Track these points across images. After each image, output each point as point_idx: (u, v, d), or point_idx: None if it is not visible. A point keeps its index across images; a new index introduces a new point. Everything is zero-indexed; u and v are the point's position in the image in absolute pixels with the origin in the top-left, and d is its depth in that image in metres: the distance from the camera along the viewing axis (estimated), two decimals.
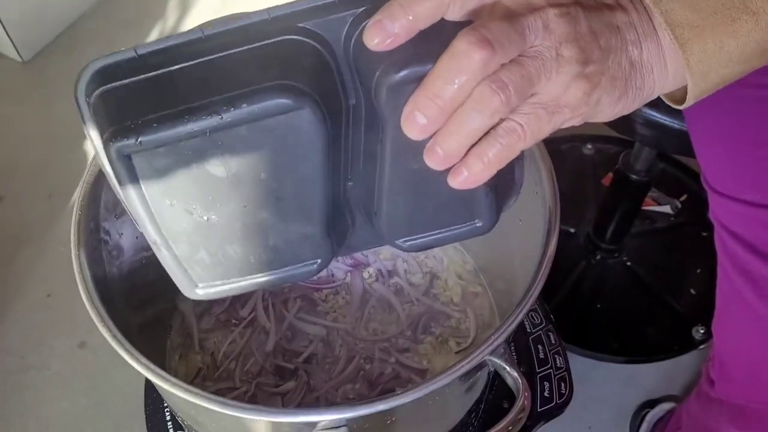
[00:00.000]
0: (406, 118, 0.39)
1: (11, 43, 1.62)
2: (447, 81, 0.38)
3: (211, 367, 0.83)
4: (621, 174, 1.14)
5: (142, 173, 0.42)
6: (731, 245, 0.67)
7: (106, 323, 0.58)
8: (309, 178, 0.44)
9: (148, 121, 0.39)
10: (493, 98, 0.38)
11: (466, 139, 0.40)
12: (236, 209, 0.45)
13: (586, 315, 1.27)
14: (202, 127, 0.40)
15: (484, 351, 0.56)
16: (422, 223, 0.49)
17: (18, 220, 1.42)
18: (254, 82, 0.40)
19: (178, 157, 0.41)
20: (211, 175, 0.43)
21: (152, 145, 0.40)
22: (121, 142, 0.40)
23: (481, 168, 0.40)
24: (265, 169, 0.43)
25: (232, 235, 0.47)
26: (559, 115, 0.41)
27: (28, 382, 1.23)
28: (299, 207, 0.46)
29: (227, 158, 0.42)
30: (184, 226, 0.46)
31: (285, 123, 0.41)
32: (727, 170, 0.66)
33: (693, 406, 0.95)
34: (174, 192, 0.43)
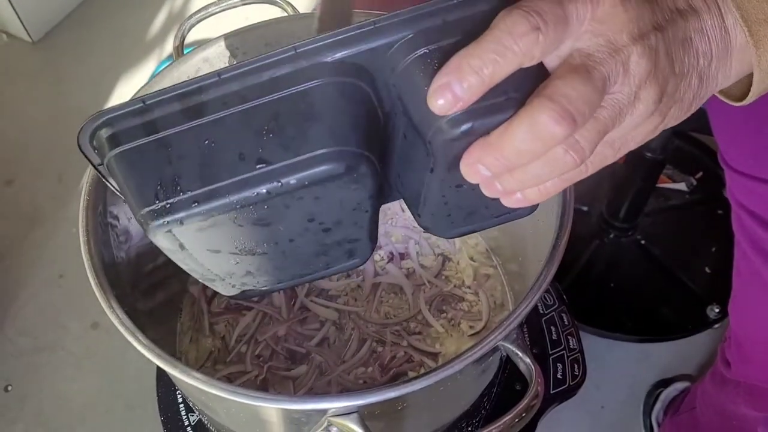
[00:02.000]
0: (468, 167, 0.37)
1: (21, 24, 1.62)
2: (518, 147, 0.35)
3: (222, 350, 0.83)
4: (635, 152, 1.11)
5: (184, 238, 0.40)
6: (749, 224, 0.66)
7: (114, 309, 0.57)
8: (358, 214, 0.43)
9: (188, 200, 0.37)
10: (565, 159, 0.36)
11: (529, 183, 0.38)
12: (283, 244, 0.44)
13: (599, 294, 1.26)
14: (246, 202, 0.38)
15: (497, 337, 0.55)
16: (466, 219, 0.48)
17: (29, 202, 1.42)
18: (298, 148, 0.37)
19: (220, 223, 0.39)
20: (257, 229, 0.41)
21: (193, 221, 0.38)
22: (160, 221, 0.38)
23: (536, 195, 0.39)
24: (313, 216, 0.42)
25: (278, 260, 0.46)
26: (625, 149, 0.39)
27: (42, 363, 1.24)
28: (347, 230, 0.45)
29: (273, 216, 0.40)
30: (230, 262, 0.44)
31: (336, 183, 0.38)
32: (746, 148, 0.65)
33: (708, 387, 0.95)
34: (218, 244, 0.42)
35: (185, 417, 0.82)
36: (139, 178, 0.38)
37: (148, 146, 0.38)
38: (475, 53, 0.35)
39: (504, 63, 0.35)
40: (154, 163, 0.38)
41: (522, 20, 0.34)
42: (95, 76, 1.59)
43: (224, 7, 0.78)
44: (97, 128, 0.39)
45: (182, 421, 0.82)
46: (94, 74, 1.60)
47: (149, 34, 1.67)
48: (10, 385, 1.21)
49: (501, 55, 0.34)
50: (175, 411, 0.83)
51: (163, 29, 1.68)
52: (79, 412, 1.19)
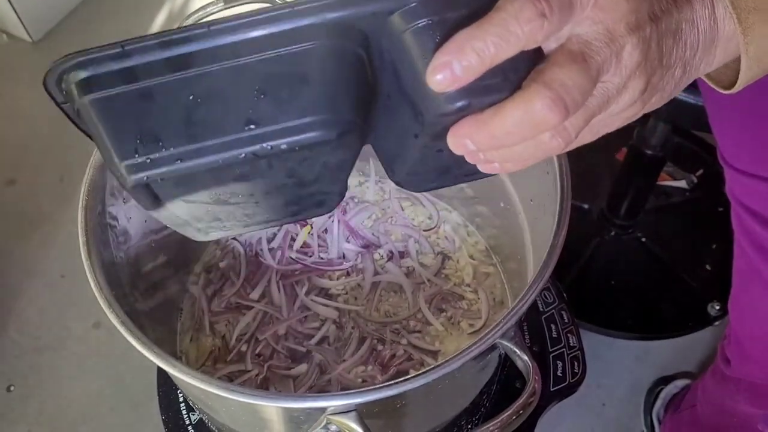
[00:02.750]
0: (456, 140, 0.38)
1: (21, 24, 1.62)
2: (510, 129, 0.36)
3: (222, 349, 0.83)
4: (636, 149, 1.13)
5: (161, 192, 0.39)
6: (749, 222, 0.66)
7: (114, 309, 0.57)
8: (337, 173, 0.43)
9: (171, 156, 0.36)
10: (551, 143, 0.37)
11: (513, 158, 0.39)
12: (258, 196, 0.43)
13: (599, 292, 1.26)
14: (232, 162, 0.36)
15: (495, 334, 0.55)
16: (438, 177, 0.48)
17: (31, 202, 1.43)
18: (288, 112, 0.36)
19: (201, 180, 0.38)
20: (236, 184, 0.40)
21: (174, 178, 0.37)
22: (140, 176, 0.36)
23: (512, 165, 0.40)
24: (293, 175, 0.41)
25: (250, 207, 0.45)
26: (603, 131, 0.40)
27: (44, 363, 1.24)
28: (322, 187, 0.45)
29: (254, 176, 0.39)
30: (201, 210, 0.43)
31: (323, 149, 0.38)
32: (744, 146, 0.65)
33: (708, 384, 0.95)
34: (194, 197, 0.41)
35: (186, 416, 0.82)
36: (118, 129, 0.36)
37: (127, 95, 0.36)
38: (478, 35, 0.35)
39: (506, 47, 0.35)
40: (134, 114, 0.36)
41: (529, 5, 0.34)
42: None
43: (224, 7, 0.78)
44: (66, 70, 0.37)
45: (183, 420, 0.82)
46: None
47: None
48: (12, 385, 1.21)
49: (504, 39, 0.34)
50: (176, 410, 0.83)
51: (162, 29, 1.68)
52: (81, 411, 1.19)
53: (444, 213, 0.94)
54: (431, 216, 0.94)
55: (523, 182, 0.76)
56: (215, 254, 0.91)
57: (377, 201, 0.96)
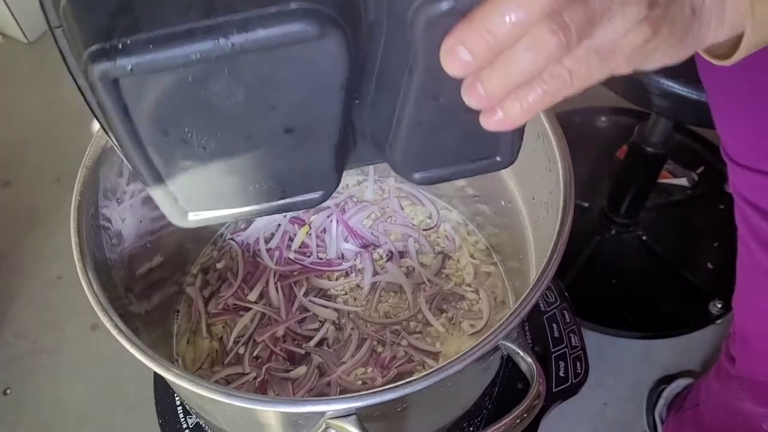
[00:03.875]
0: (447, 51, 0.35)
1: (16, 24, 1.61)
2: (503, 16, 0.33)
3: (220, 352, 0.82)
4: (636, 146, 1.12)
5: (131, 99, 0.36)
6: (753, 218, 0.65)
7: (108, 312, 0.56)
8: (325, 110, 0.40)
9: (142, 41, 0.33)
10: (551, 40, 0.33)
11: (512, 80, 0.35)
12: (239, 139, 0.40)
13: (600, 291, 1.25)
14: (207, 53, 0.34)
15: (498, 336, 0.54)
16: (439, 157, 0.45)
17: (27, 204, 1.42)
18: (271, 1, 0.34)
19: (175, 83, 0.35)
20: (214, 102, 0.37)
21: (145, 70, 0.34)
22: (106, 64, 0.33)
23: (518, 112, 0.36)
24: (276, 98, 0.38)
25: (231, 165, 0.41)
26: (612, 63, 0.37)
27: (41, 365, 1.23)
28: (310, 138, 0.41)
29: (233, 85, 0.36)
30: (176, 156, 0.40)
31: (304, 51, 0.35)
32: (749, 141, 0.64)
33: (712, 383, 0.94)
34: (168, 119, 0.37)
35: (183, 420, 0.81)
36: (91, 19, 0.34)
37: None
38: None
39: None
40: (112, 4, 0.34)
41: None
42: None
43: None
44: None
45: (180, 423, 0.81)
46: None
47: None
48: (9, 389, 1.20)
49: None
50: (173, 413, 0.82)
51: None
52: (78, 414, 1.18)
53: (444, 212, 0.93)
54: (431, 215, 0.93)
55: (525, 180, 0.75)
56: (212, 255, 0.90)
57: (376, 200, 0.95)
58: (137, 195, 0.72)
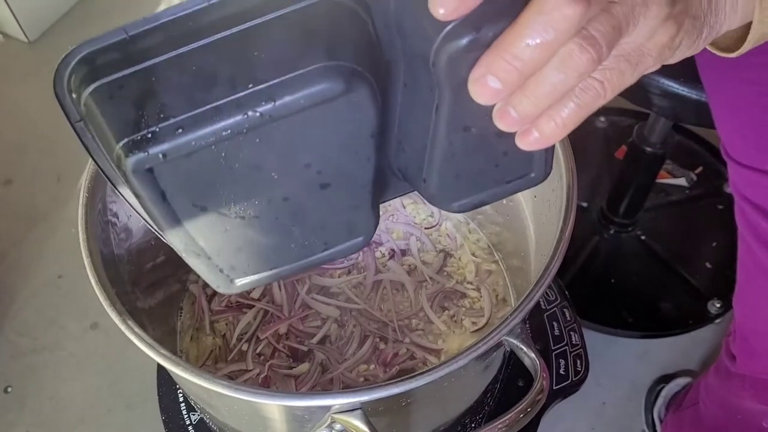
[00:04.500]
0: (476, 82, 0.34)
1: (17, 24, 1.61)
2: (530, 40, 0.32)
3: (223, 349, 0.82)
4: (635, 146, 1.12)
5: (166, 184, 0.36)
6: (754, 218, 0.66)
7: (115, 307, 0.56)
8: (359, 159, 0.39)
9: (171, 126, 0.33)
10: (582, 56, 0.32)
11: (545, 100, 0.34)
12: (276, 202, 0.40)
13: (600, 290, 1.26)
14: (236, 127, 0.34)
15: (501, 331, 0.55)
16: (475, 183, 0.44)
17: (28, 202, 1.42)
18: (292, 65, 0.33)
19: (208, 161, 0.35)
20: (248, 171, 0.37)
21: (178, 154, 0.34)
22: (139, 156, 0.33)
23: (553, 130, 0.36)
24: (309, 157, 0.38)
25: (271, 228, 0.41)
26: (643, 65, 0.36)
27: (42, 363, 1.23)
28: (346, 189, 0.41)
29: (266, 153, 0.36)
30: (216, 229, 0.40)
31: (333, 107, 0.35)
32: (750, 140, 0.64)
33: (712, 381, 0.94)
34: (204, 196, 0.38)
35: (186, 416, 0.82)
36: (117, 112, 0.34)
37: (128, 78, 0.34)
38: None
39: None
40: (135, 94, 0.34)
41: None
42: None
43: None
44: (73, 69, 0.35)
45: (183, 420, 0.82)
46: None
47: None
48: (9, 387, 1.20)
49: None
50: (176, 410, 0.83)
51: None
52: (79, 412, 1.18)
53: None
54: (433, 213, 0.93)
55: None
56: None
57: None
58: None
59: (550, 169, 0.45)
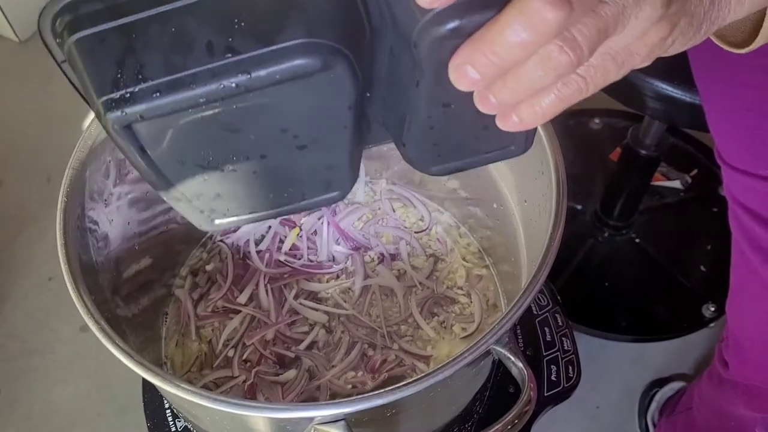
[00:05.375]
0: (455, 69, 0.34)
1: (8, 23, 1.60)
2: (509, 39, 0.31)
3: (209, 355, 0.81)
4: (630, 149, 1.12)
5: (145, 139, 0.37)
6: (747, 222, 0.65)
7: (94, 316, 0.56)
8: (337, 128, 0.40)
9: (149, 89, 0.34)
10: (560, 58, 0.32)
11: (524, 93, 0.34)
12: (254, 159, 0.41)
13: (593, 293, 1.25)
14: (212, 95, 0.35)
15: (489, 340, 0.54)
16: (454, 151, 0.45)
17: (18, 204, 1.41)
18: (270, 38, 0.34)
19: (186, 123, 0.37)
20: (226, 134, 0.38)
21: (155, 115, 0.35)
22: (117, 113, 0.35)
23: (533, 117, 0.35)
24: (287, 124, 0.39)
25: (249, 181, 0.43)
26: (629, 64, 0.36)
27: (32, 366, 1.23)
28: (324, 151, 0.42)
29: (242, 118, 0.37)
30: (197, 179, 0.42)
31: (310, 82, 0.35)
32: (744, 144, 0.64)
33: (705, 387, 0.94)
34: (183, 152, 0.39)
35: (172, 423, 0.80)
36: (99, 66, 0.35)
37: (110, 32, 0.35)
38: None
39: None
40: (116, 50, 0.35)
41: None
42: None
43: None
44: (58, 14, 0.36)
45: (169, 427, 0.80)
46: None
47: None
48: None
49: None
50: (161, 417, 0.81)
51: None
52: (68, 416, 1.17)
53: (436, 214, 0.93)
54: (423, 217, 0.92)
55: (517, 183, 0.75)
56: (202, 257, 0.89)
57: (368, 202, 0.94)
58: (124, 197, 0.71)
59: (531, 144, 0.45)
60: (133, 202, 0.72)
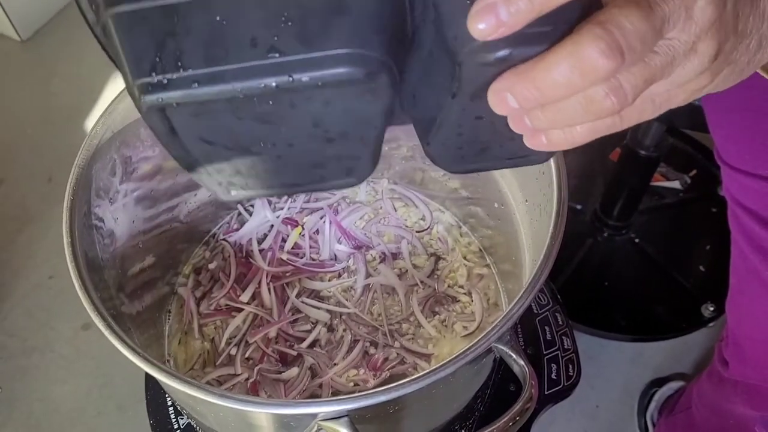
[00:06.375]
0: (495, 94, 0.34)
1: (10, 23, 1.60)
2: (555, 78, 0.31)
3: (211, 353, 0.81)
4: (629, 149, 1.12)
5: (177, 122, 0.37)
6: (746, 222, 0.66)
7: (100, 312, 0.56)
8: (366, 127, 0.40)
9: (188, 78, 0.34)
10: (604, 103, 0.32)
11: (560, 124, 0.34)
12: (281, 146, 0.41)
13: (593, 293, 1.25)
14: (251, 92, 0.34)
15: (490, 338, 0.54)
16: (477, 155, 0.45)
17: (19, 203, 1.41)
18: (316, 43, 0.34)
19: (219, 111, 0.36)
20: (257, 124, 0.38)
21: (191, 104, 0.35)
22: (153, 97, 0.34)
23: (562, 141, 0.36)
24: (319, 121, 0.39)
25: (273, 165, 0.43)
26: (666, 106, 0.36)
27: (32, 365, 1.23)
28: (350, 144, 0.42)
29: (277, 114, 0.37)
30: (221, 157, 0.41)
31: (350, 89, 0.35)
32: (744, 145, 0.64)
33: (704, 387, 0.94)
34: (212, 136, 0.39)
35: (174, 420, 0.81)
36: (138, 46, 0.34)
37: (152, 12, 0.34)
38: None
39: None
40: (156, 31, 0.34)
41: None
42: (85, 75, 1.58)
43: None
44: None
45: (171, 424, 0.81)
46: (84, 73, 1.58)
47: None
48: (0, 388, 1.20)
49: None
50: (164, 414, 0.82)
51: None
52: (69, 414, 1.18)
53: (437, 214, 0.93)
54: (424, 217, 0.93)
55: (518, 182, 0.75)
56: (204, 256, 0.90)
57: (369, 201, 0.94)
58: (130, 194, 0.72)
59: (552, 155, 0.45)
60: (138, 200, 0.73)
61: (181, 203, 0.82)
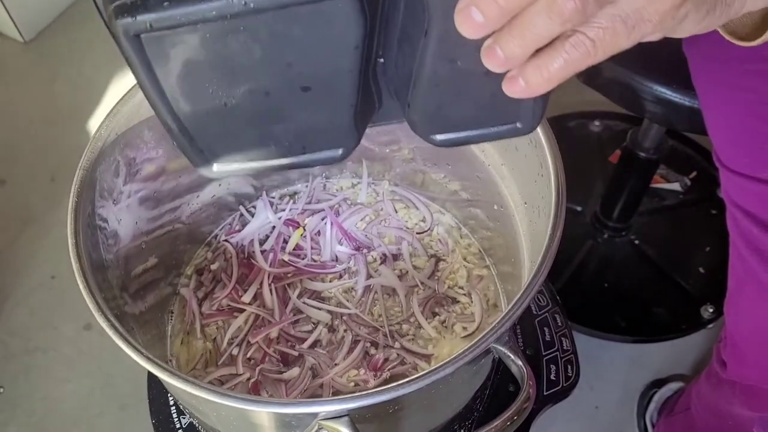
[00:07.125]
0: (460, 11, 0.34)
1: (13, 24, 1.61)
2: None
3: (213, 353, 0.82)
4: (629, 151, 1.13)
5: (153, 53, 0.38)
6: (745, 224, 0.66)
7: (103, 311, 0.56)
8: (341, 69, 0.41)
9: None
10: (566, 5, 0.32)
11: (530, 43, 0.34)
12: (258, 95, 0.41)
13: (593, 295, 1.26)
14: (220, 11, 0.35)
15: (489, 339, 0.55)
16: (458, 120, 0.45)
17: (21, 203, 1.42)
18: None
19: (193, 40, 0.37)
20: (231, 60, 0.39)
21: (163, 26, 0.36)
22: (128, 20, 0.35)
23: (540, 81, 0.36)
24: (292, 57, 0.39)
25: (251, 119, 0.43)
26: (639, 30, 0.35)
27: (35, 364, 1.23)
28: (328, 96, 0.42)
29: (249, 43, 0.38)
30: (199, 108, 0.42)
31: (318, 11, 0.36)
32: (742, 148, 0.64)
33: (703, 388, 0.94)
34: (188, 74, 0.40)
35: (177, 419, 0.81)
36: None
37: None
38: None
39: None
40: None
41: None
42: (88, 76, 1.58)
43: None
44: None
45: (173, 423, 0.81)
46: (87, 74, 1.59)
47: None
48: (2, 387, 1.20)
49: None
50: (166, 414, 0.83)
51: None
52: (71, 413, 1.18)
53: (437, 215, 0.94)
54: (425, 218, 0.93)
55: (518, 185, 0.76)
56: (206, 256, 0.90)
57: (370, 203, 0.95)
58: (134, 195, 0.72)
59: (538, 123, 0.45)
60: (142, 201, 0.74)
61: (183, 204, 0.83)
